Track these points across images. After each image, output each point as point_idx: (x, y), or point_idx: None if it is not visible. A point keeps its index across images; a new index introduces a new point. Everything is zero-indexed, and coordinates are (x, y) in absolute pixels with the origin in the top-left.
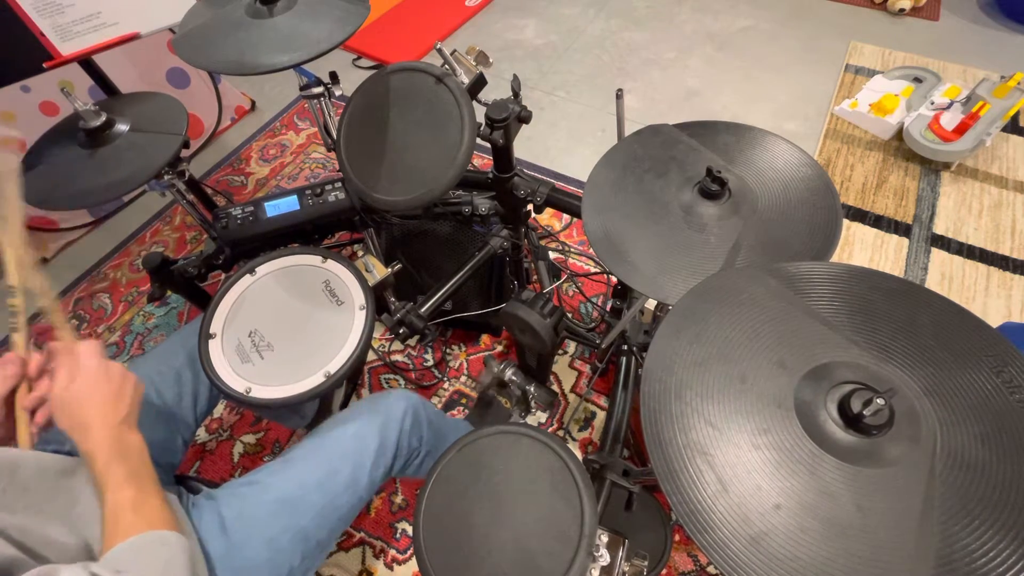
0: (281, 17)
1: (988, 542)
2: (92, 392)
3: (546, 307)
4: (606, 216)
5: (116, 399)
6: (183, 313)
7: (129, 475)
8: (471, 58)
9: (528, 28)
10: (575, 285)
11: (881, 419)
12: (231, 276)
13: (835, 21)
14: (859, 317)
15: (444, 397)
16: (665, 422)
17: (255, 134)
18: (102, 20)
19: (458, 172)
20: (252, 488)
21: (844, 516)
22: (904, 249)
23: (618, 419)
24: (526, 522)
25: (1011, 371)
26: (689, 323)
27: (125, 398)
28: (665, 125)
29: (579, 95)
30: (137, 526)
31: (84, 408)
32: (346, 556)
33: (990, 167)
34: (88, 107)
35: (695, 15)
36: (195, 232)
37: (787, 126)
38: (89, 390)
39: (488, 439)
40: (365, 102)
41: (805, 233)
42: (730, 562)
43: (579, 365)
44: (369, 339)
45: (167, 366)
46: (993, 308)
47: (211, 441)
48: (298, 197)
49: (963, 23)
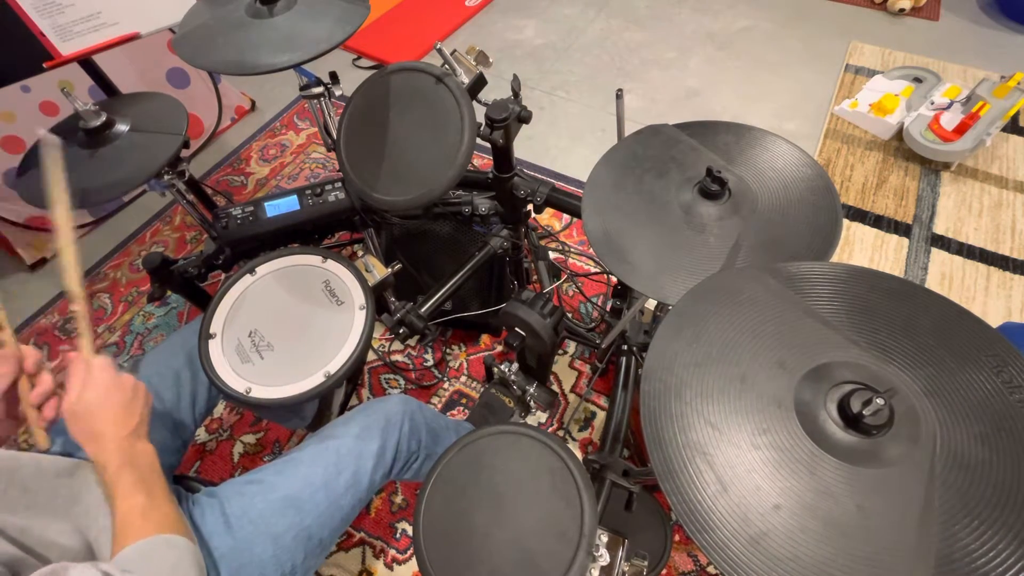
0: (281, 17)
1: (988, 542)
2: (104, 403)
3: (546, 307)
4: (606, 216)
5: (127, 410)
6: (183, 313)
7: (139, 482)
8: (471, 58)
9: (528, 28)
10: (575, 285)
11: (881, 419)
12: (231, 276)
13: (835, 21)
14: (859, 317)
15: (444, 397)
16: (665, 422)
17: (255, 134)
18: (102, 20)
19: (458, 172)
20: (257, 486)
21: (844, 516)
22: (904, 249)
23: (618, 419)
24: (526, 522)
25: (1011, 371)
26: (689, 323)
27: (136, 409)
28: (665, 125)
29: (579, 95)
30: (146, 531)
31: (96, 419)
32: (346, 556)
33: (990, 167)
34: (88, 107)
35: (695, 15)
36: (195, 232)
37: (787, 126)
38: (101, 401)
39: (488, 439)
40: (365, 102)
41: (805, 233)
42: (730, 562)
43: (579, 365)
44: (369, 339)
45: (166, 367)
46: (993, 308)
47: (211, 441)
48: (298, 197)
49: (963, 23)
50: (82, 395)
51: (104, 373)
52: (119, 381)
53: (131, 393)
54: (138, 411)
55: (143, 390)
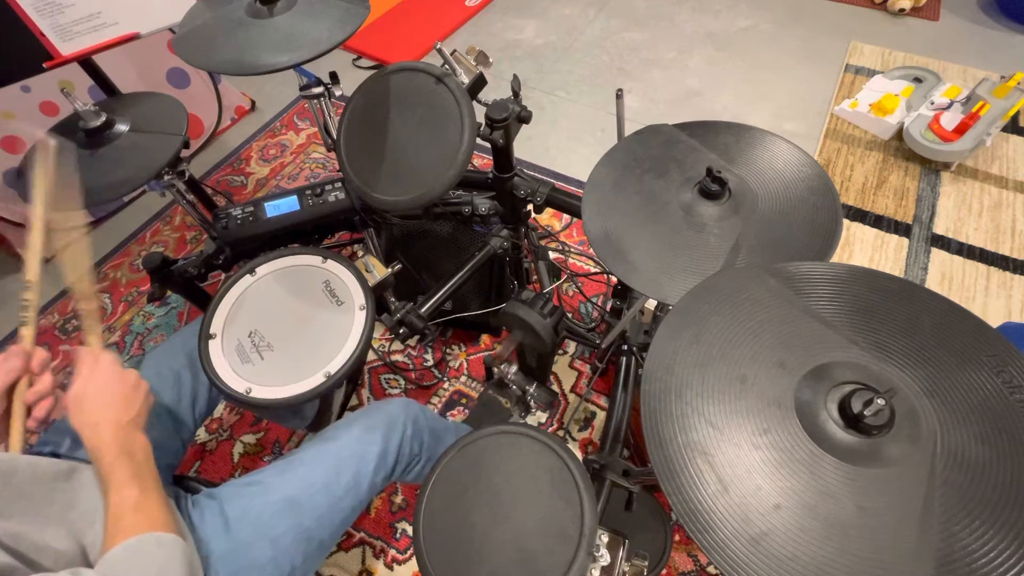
0: (281, 17)
1: (988, 542)
2: (105, 391)
3: (546, 307)
4: (606, 216)
5: (127, 400)
6: (183, 313)
7: (133, 474)
8: (471, 58)
9: (528, 28)
10: (575, 285)
11: (881, 419)
12: (231, 276)
13: (835, 21)
14: (859, 317)
15: (444, 397)
16: (665, 422)
17: (255, 134)
18: (102, 20)
19: (458, 172)
20: (256, 488)
21: (844, 516)
22: (904, 249)
23: (618, 419)
24: (526, 522)
25: (1011, 371)
26: (689, 323)
27: (136, 401)
28: (665, 125)
29: (579, 95)
30: (138, 526)
31: (96, 406)
32: (346, 556)
33: (990, 167)
34: (88, 107)
35: (695, 15)
36: (195, 232)
37: (787, 126)
38: (103, 389)
39: (488, 439)
40: (365, 102)
41: (805, 233)
42: (730, 562)
43: (579, 365)
44: (369, 339)
45: (166, 367)
46: (993, 308)
47: (211, 441)
48: (298, 197)
49: (963, 23)
50: (86, 384)
51: (110, 366)
52: (123, 374)
53: (133, 386)
54: (137, 403)
55: (145, 386)
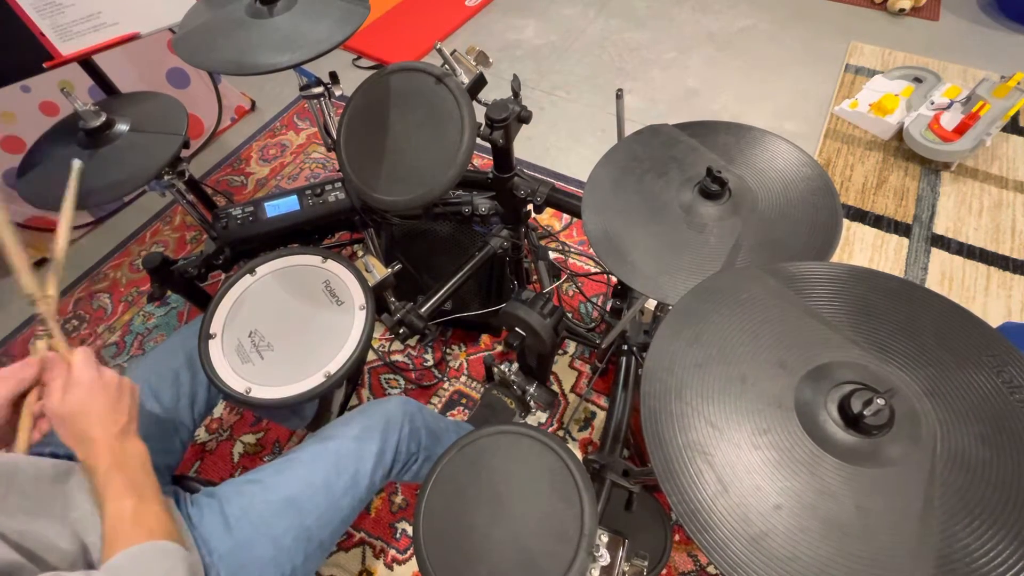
0: (281, 17)
1: (988, 542)
2: (90, 404)
3: (546, 307)
4: (606, 216)
5: (114, 409)
6: (183, 313)
7: (129, 485)
8: (471, 58)
9: (528, 28)
10: (575, 285)
11: (881, 419)
12: (231, 276)
13: (835, 21)
14: (859, 317)
15: (444, 397)
16: (665, 422)
17: (255, 134)
18: (102, 20)
19: (458, 172)
20: (256, 487)
21: (844, 516)
22: (904, 249)
23: (618, 419)
24: (526, 522)
25: (1011, 371)
26: (689, 323)
27: (123, 407)
28: (665, 125)
29: (579, 95)
30: (136, 537)
31: (83, 421)
32: (346, 556)
33: (990, 167)
34: (88, 107)
35: (695, 15)
36: (195, 232)
37: (787, 126)
38: (86, 402)
39: (488, 439)
40: (365, 102)
41: (805, 233)
42: (730, 562)
43: (579, 365)
44: (369, 339)
45: (165, 367)
46: (993, 308)
47: (211, 441)
48: (298, 197)
49: (963, 23)
50: (65, 397)
51: (86, 371)
52: (103, 379)
53: (116, 390)
54: (126, 409)
55: (128, 385)
